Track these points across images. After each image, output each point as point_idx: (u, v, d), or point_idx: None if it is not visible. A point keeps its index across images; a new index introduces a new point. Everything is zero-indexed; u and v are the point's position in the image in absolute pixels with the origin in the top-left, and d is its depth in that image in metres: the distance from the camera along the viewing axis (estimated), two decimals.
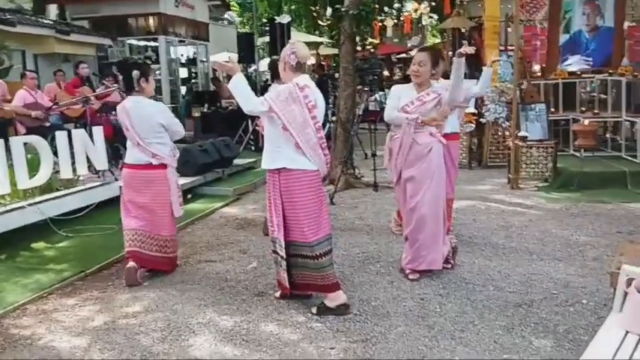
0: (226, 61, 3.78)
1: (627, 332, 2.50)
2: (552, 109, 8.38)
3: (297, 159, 3.54)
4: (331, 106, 10.44)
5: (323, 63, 19.30)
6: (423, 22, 18.31)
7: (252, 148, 11.05)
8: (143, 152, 4.31)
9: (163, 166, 4.37)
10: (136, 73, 4.30)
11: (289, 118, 3.49)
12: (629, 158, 7.54)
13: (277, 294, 3.95)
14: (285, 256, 3.67)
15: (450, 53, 11.28)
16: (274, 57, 9.23)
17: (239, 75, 3.55)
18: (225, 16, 16.71)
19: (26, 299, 4.03)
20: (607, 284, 3.65)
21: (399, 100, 4.25)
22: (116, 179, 6.93)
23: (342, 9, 7.74)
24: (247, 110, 3.62)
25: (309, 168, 3.57)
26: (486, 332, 3.36)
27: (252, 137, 10.80)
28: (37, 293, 4.14)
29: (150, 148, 4.29)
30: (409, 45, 20.11)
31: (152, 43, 13.89)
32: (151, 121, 4.28)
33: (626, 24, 8.90)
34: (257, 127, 6.03)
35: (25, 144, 5.64)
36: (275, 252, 3.76)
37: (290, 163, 3.54)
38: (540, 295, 3.88)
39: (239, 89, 3.54)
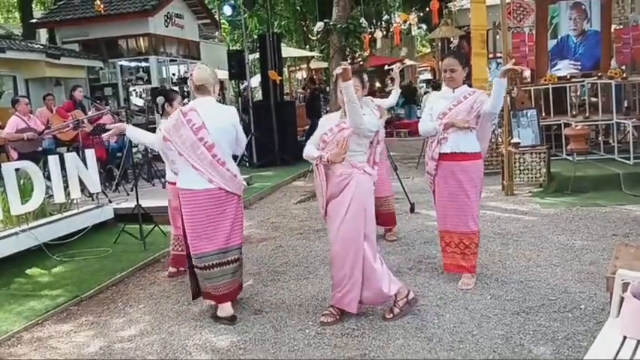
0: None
1: (625, 337, 2.48)
2: (543, 114, 8.41)
3: (191, 179, 3.73)
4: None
5: (314, 77, 19.38)
6: (413, 33, 18.42)
7: (247, 164, 11.06)
8: (169, 168, 4.82)
9: None
10: (160, 99, 4.93)
11: (180, 144, 3.72)
12: (622, 160, 7.57)
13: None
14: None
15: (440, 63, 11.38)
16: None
17: (129, 130, 4.16)
18: (216, 34, 16.83)
19: (21, 327, 3.99)
20: (604, 288, 3.63)
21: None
22: (110, 201, 6.91)
23: (331, 23, 7.78)
24: (156, 148, 4.29)
25: (200, 187, 3.72)
26: (485, 342, 3.33)
27: (246, 153, 10.80)
28: (32, 320, 4.10)
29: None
30: (401, 55, 20.28)
31: (143, 64, 13.94)
32: None
33: (612, 27, 8.98)
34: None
35: (17, 170, 5.63)
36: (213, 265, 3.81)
37: (185, 184, 3.78)
38: (538, 301, 3.86)
39: (137, 138, 4.23)
